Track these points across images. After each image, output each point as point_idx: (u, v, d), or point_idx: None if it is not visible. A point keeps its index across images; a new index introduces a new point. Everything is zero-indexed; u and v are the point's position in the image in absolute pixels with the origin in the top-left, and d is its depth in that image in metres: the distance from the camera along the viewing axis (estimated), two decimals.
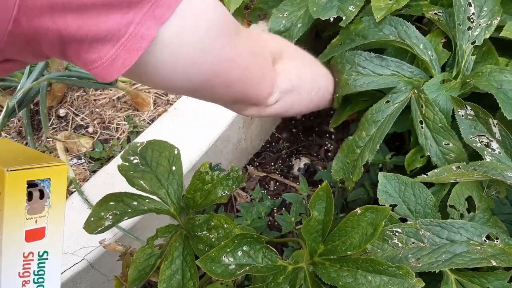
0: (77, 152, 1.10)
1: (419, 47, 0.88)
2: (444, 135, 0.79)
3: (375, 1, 0.93)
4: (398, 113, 0.84)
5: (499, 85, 0.78)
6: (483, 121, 0.76)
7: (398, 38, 0.89)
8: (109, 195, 0.73)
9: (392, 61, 0.89)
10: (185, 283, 0.68)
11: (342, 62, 0.92)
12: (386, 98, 0.87)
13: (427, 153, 0.80)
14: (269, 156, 1.31)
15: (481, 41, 0.85)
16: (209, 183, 0.74)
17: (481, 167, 0.67)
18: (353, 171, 0.86)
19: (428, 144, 0.80)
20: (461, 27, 0.87)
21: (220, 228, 0.70)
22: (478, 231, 0.64)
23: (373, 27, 0.92)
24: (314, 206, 0.67)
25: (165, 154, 0.76)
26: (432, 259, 0.61)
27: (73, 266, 0.86)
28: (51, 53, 0.44)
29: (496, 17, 0.86)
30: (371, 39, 0.91)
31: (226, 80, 0.59)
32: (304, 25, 1.08)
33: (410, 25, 0.89)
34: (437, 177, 0.68)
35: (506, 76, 0.79)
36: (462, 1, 0.88)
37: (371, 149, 0.83)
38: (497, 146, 0.74)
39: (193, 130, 1.10)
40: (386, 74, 0.88)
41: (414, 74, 0.89)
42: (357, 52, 0.91)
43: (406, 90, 0.85)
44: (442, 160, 0.79)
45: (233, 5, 1.09)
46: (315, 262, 0.66)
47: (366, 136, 0.86)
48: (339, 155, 0.90)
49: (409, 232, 0.65)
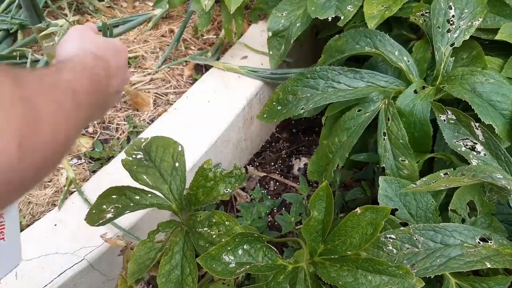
0: (77, 152, 1.10)
1: (394, 54, 0.89)
2: (402, 151, 0.80)
3: (368, 8, 0.93)
4: (369, 122, 0.85)
5: (472, 89, 0.78)
6: (465, 124, 0.75)
7: (373, 48, 0.90)
8: (112, 188, 0.74)
9: (366, 73, 0.90)
10: (184, 278, 0.68)
11: (314, 78, 0.93)
12: (359, 106, 0.88)
13: (383, 164, 0.81)
14: (269, 156, 1.31)
15: (460, 43, 0.86)
16: (211, 180, 0.74)
17: (469, 171, 0.66)
18: (325, 174, 0.89)
19: (386, 156, 0.81)
20: (440, 30, 0.87)
21: (221, 225, 0.70)
22: (472, 233, 0.64)
23: (351, 41, 0.94)
24: (314, 206, 0.67)
25: (169, 150, 0.76)
26: (426, 264, 0.61)
27: (73, 266, 0.86)
28: None
29: (477, 18, 0.86)
30: (348, 53, 0.93)
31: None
32: (303, 25, 1.09)
33: (384, 34, 0.91)
34: (427, 186, 0.68)
35: (478, 78, 0.79)
36: (442, 4, 0.89)
37: (342, 155, 0.85)
38: (481, 149, 0.74)
39: (193, 130, 1.10)
40: (361, 86, 0.89)
41: (390, 82, 0.89)
42: (329, 68, 0.92)
43: (378, 100, 0.86)
44: (395, 174, 0.80)
45: (234, 5, 1.09)
46: (315, 261, 0.66)
47: (338, 142, 0.88)
48: (314, 158, 0.93)
49: (403, 238, 0.65)
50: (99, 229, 0.88)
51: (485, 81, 0.79)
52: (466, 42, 0.87)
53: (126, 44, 1.37)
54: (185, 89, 1.24)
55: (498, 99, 0.77)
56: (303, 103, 0.93)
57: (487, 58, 0.88)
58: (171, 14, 1.49)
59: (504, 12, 0.90)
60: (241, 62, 1.26)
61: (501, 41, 0.86)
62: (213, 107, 1.15)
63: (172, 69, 1.31)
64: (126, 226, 0.92)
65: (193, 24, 1.42)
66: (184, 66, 1.32)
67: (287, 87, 0.97)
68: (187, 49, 1.38)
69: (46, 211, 0.99)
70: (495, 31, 0.86)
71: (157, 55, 1.35)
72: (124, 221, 0.92)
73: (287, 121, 1.38)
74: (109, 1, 1.50)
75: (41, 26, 0.98)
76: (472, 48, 0.90)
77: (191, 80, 1.28)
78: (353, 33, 0.93)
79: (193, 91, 1.20)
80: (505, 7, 0.90)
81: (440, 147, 0.87)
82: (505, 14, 0.90)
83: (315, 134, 1.35)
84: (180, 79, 1.28)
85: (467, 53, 0.90)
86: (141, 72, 1.29)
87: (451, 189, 0.74)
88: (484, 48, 0.90)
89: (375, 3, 0.94)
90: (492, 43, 0.91)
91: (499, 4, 0.90)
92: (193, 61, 1.30)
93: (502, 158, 0.72)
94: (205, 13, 1.17)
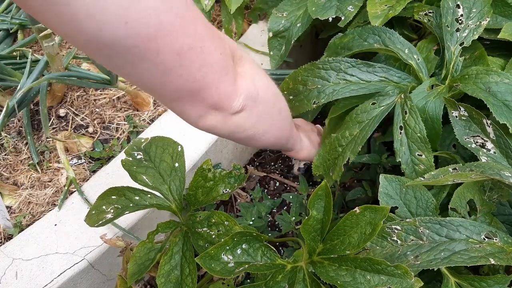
0: (77, 152, 1.10)
1: (404, 52, 0.89)
2: (419, 145, 0.79)
3: (371, 7, 0.93)
4: (383, 116, 0.84)
5: (487, 88, 0.78)
6: (477, 122, 0.76)
7: (383, 46, 0.90)
8: (111, 189, 0.74)
9: (380, 67, 0.89)
10: (183, 278, 0.68)
11: (326, 69, 0.92)
12: (373, 99, 0.87)
13: (399, 159, 0.80)
14: (269, 156, 1.31)
15: (469, 42, 0.86)
16: (211, 180, 0.74)
17: (478, 168, 0.67)
18: (333, 169, 0.87)
19: (402, 151, 0.80)
20: (449, 29, 0.87)
21: (221, 225, 0.70)
22: (477, 229, 0.64)
23: (358, 38, 0.93)
24: (313, 205, 0.67)
25: (169, 150, 0.76)
26: (430, 256, 0.61)
27: (73, 266, 0.86)
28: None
29: (485, 18, 0.86)
30: (355, 49, 0.92)
31: (176, 45, 0.43)
32: (303, 25, 1.08)
33: (393, 32, 0.90)
34: (435, 180, 0.69)
35: (493, 77, 0.79)
36: (451, 3, 0.88)
37: (353, 149, 0.83)
38: (492, 146, 0.74)
39: (193, 130, 1.09)
40: (374, 80, 0.88)
41: (402, 79, 0.89)
42: (342, 59, 0.90)
43: (393, 94, 0.85)
44: (411, 169, 0.79)
45: (234, 5, 1.09)
46: (314, 261, 0.66)
47: (349, 136, 0.86)
48: (320, 152, 0.90)
49: (408, 230, 0.65)
50: (99, 229, 0.88)
51: (500, 81, 0.79)
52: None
53: None
54: None
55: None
56: (314, 95, 0.91)
57: (489, 58, 0.88)
58: None
59: (506, 12, 0.90)
60: None
61: (502, 42, 0.86)
62: None
63: None
64: (126, 226, 0.92)
65: None
66: None
67: (297, 76, 0.94)
68: None
69: (46, 211, 0.99)
70: (497, 31, 0.85)
71: None
72: (124, 221, 0.92)
73: None
74: None
75: (41, 26, 0.99)
76: (474, 49, 0.89)
77: None
78: (361, 30, 0.92)
79: None
80: (507, 7, 0.90)
81: (444, 148, 0.87)
82: (507, 14, 0.90)
83: None
84: None
85: (469, 54, 0.90)
86: None
87: (452, 188, 0.74)
88: (486, 49, 0.90)
89: (378, 3, 0.93)
90: (493, 44, 0.91)
91: (501, 4, 0.90)
92: None
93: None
94: (205, 13, 1.17)
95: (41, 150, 1.10)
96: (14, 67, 1.17)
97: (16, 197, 1.02)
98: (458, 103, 0.77)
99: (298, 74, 0.94)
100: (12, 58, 1.23)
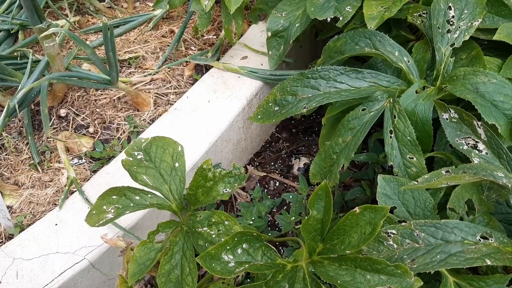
0: (78, 152, 1.11)
1: (394, 54, 0.89)
2: (410, 148, 0.80)
3: (368, 9, 0.94)
4: (374, 121, 0.85)
5: (474, 89, 0.78)
6: (467, 123, 0.76)
7: (373, 49, 0.90)
8: (112, 189, 0.74)
9: (369, 73, 0.90)
10: (183, 278, 0.68)
11: (315, 78, 0.93)
12: (363, 105, 0.87)
13: (391, 162, 0.81)
14: (269, 156, 1.31)
15: (460, 43, 0.86)
16: (211, 180, 0.75)
17: (471, 169, 0.67)
18: (329, 176, 0.88)
19: (393, 155, 0.81)
20: (440, 30, 0.88)
21: (221, 224, 0.70)
22: (473, 230, 0.64)
23: (350, 42, 0.94)
24: (313, 205, 0.67)
25: (169, 150, 0.76)
26: (427, 259, 0.62)
27: (73, 266, 0.86)
28: None
29: (477, 19, 0.87)
30: (348, 53, 0.93)
31: None
32: (302, 25, 1.09)
33: (384, 35, 0.91)
34: (428, 183, 0.69)
35: (481, 78, 0.79)
36: (442, 5, 0.89)
37: (347, 156, 0.85)
38: (483, 147, 0.74)
39: (193, 130, 1.10)
40: (363, 86, 0.89)
41: (392, 82, 0.89)
42: (330, 67, 0.91)
43: (382, 99, 0.86)
44: (403, 172, 0.80)
45: (234, 5, 1.09)
46: (314, 260, 0.66)
47: (342, 143, 0.87)
48: (316, 160, 0.92)
49: (404, 233, 0.65)
50: (100, 229, 0.88)
51: (487, 81, 0.79)
52: (465, 43, 0.88)
53: (126, 44, 1.38)
54: (185, 89, 1.24)
55: (501, 99, 0.77)
56: (304, 103, 0.92)
57: (486, 58, 0.88)
58: (171, 15, 1.50)
59: (502, 12, 0.91)
60: (241, 62, 1.26)
61: (499, 41, 0.86)
62: (213, 107, 1.15)
63: (172, 70, 1.31)
64: (126, 226, 0.92)
65: (193, 25, 1.42)
66: (184, 67, 1.32)
67: (286, 87, 0.96)
68: (187, 50, 1.38)
69: (47, 210, 0.99)
70: (493, 31, 0.86)
71: (157, 56, 1.35)
72: (124, 220, 0.92)
73: (287, 121, 1.39)
74: (109, 1, 1.50)
75: (42, 27, 0.99)
76: (471, 49, 0.90)
77: (191, 80, 1.28)
78: (352, 34, 0.94)
79: (193, 91, 1.20)
80: (504, 7, 0.90)
81: (440, 147, 0.87)
82: (503, 14, 0.91)
83: (314, 134, 1.35)
84: (181, 79, 1.29)
85: (466, 54, 0.90)
86: (141, 73, 1.30)
87: (449, 188, 0.75)
88: (483, 49, 0.90)
89: (374, 4, 0.94)
90: (490, 44, 0.91)
91: (497, 4, 0.91)
92: (193, 61, 1.31)
93: (503, 157, 0.73)
94: (205, 14, 1.17)
95: (42, 150, 1.11)
96: (15, 67, 1.17)
97: (17, 197, 1.02)
98: (448, 105, 0.77)
99: (287, 85, 0.96)
100: (13, 59, 1.23)
